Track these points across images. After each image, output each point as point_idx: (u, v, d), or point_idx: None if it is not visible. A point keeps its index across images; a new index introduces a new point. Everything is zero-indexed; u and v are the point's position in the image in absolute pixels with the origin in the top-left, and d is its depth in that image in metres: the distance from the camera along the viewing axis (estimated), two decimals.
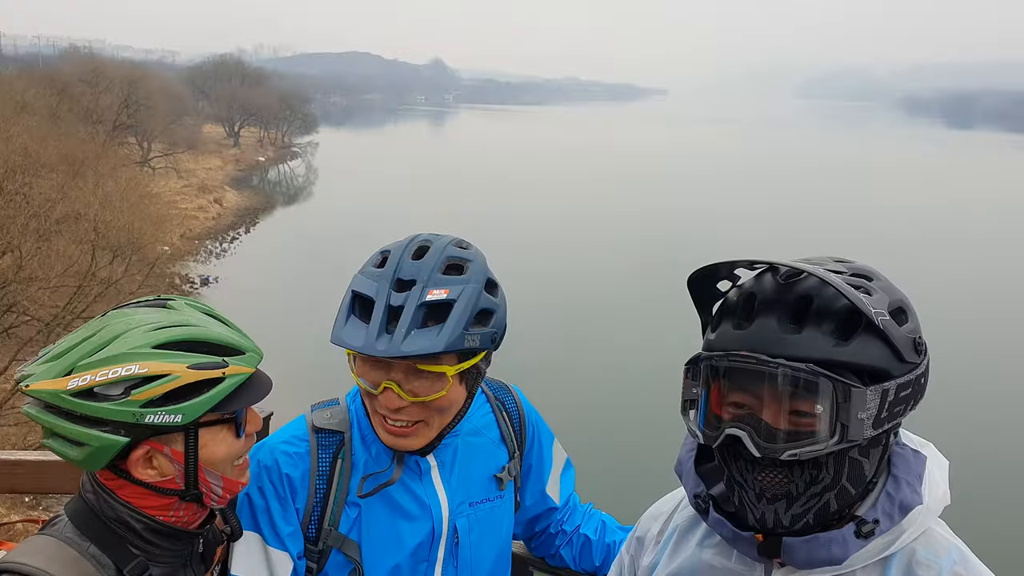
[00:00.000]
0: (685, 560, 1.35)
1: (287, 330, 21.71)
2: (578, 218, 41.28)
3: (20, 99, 30.98)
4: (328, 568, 1.63)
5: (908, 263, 35.29)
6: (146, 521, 1.38)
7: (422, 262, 1.50)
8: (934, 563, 1.18)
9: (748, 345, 1.15)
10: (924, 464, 1.23)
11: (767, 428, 1.14)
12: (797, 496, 1.16)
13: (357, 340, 1.45)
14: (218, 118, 69.97)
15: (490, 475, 1.75)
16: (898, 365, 1.14)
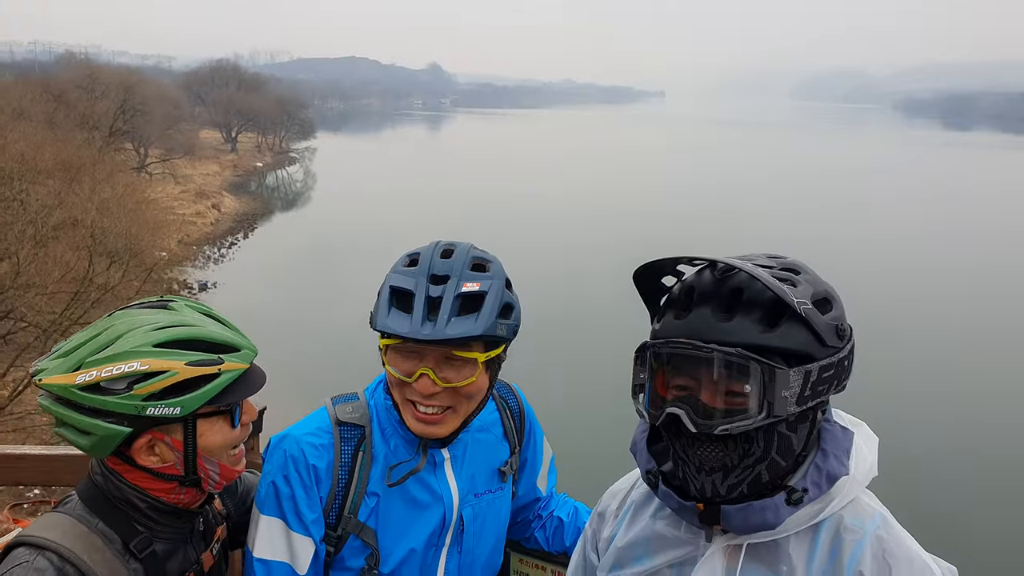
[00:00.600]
0: (640, 531, 1.49)
1: (286, 331, 21.68)
2: (576, 220, 41.25)
3: (17, 105, 30.94)
4: (344, 552, 1.76)
5: (908, 262, 35.37)
6: (150, 501, 1.52)
7: (452, 260, 1.66)
8: (859, 528, 1.31)
9: (686, 333, 1.28)
10: (852, 439, 1.36)
11: (704, 407, 1.27)
12: (732, 468, 1.28)
13: (403, 327, 1.59)
14: (215, 123, 69.89)
15: (494, 468, 1.91)
16: (820, 349, 1.27)
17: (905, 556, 1.29)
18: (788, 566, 1.31)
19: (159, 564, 1.54)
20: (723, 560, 1.36)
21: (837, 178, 66.23)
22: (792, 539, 1.32)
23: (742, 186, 59.04)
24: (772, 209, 46.91)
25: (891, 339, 24.28)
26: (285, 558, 1.71)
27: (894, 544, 1.30)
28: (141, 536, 1.52)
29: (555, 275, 29.03)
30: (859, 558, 1.29)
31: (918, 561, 1.29)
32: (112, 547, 1.48)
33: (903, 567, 1.28)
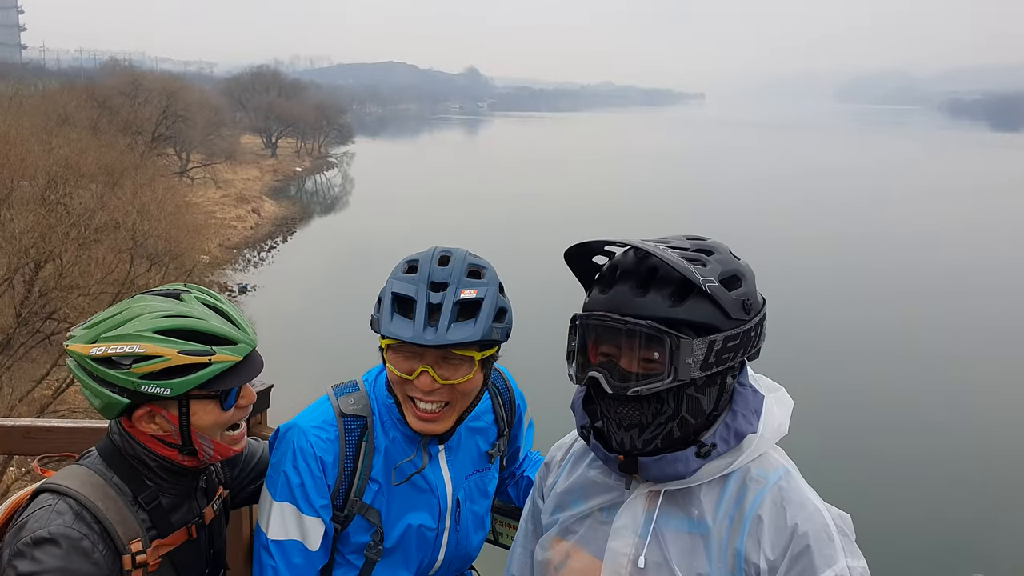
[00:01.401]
0: (576, 479, 1.67)
1: (323, 334, 21.89)
2: (615, 224, 41.08)
3: (62, 111, 31.66)
4: (351, 529, 1.91)
5: (956, 261, 34.71)
6: (159, 460, 1.71)
7: (450, 268, 1.77)
8: (763, 478, 1.47)
9: (607, 307, 1.44)
10: (762, 401, 1.52)
11: (620, 371, 1.44)
12: (647, 425, 1.45)
13: (406, 332, 1.70)
14: (255, 129, 70.82)
15: (483, 451, 2.05)
16: (726, 321, 1.42)
17: (799, 501, 1.45)
18: (699, 510, 1.48)
19: (164, 515, 1.72)
20: (644, 504, 1.53)
21: (883, 179, 65.25)
22: (704, 487, 1.49)
23: (783, 190, 58.37)
24: (813, 214, 46.33)
25: (945, 336, 23.86)
26: (297, 536, 1.86)
27: (792, 492, 1.46)
28: (149, 490, 1.71)
29: None
30: (760, 503, 1.45)
31: (810, 506, 1.45)
32: (124, 498, 1.68)
33: (796, 510, 1.44)
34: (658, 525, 1.50)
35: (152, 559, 1.67)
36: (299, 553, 1.87)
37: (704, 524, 1.47)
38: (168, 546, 1.72)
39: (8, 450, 2.73)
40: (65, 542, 1.55)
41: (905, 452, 17.21)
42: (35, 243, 15.97)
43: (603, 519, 1.58)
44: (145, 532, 1.68)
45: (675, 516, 1.50)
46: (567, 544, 1.64)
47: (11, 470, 13.76)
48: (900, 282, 31.28)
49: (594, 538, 1.58)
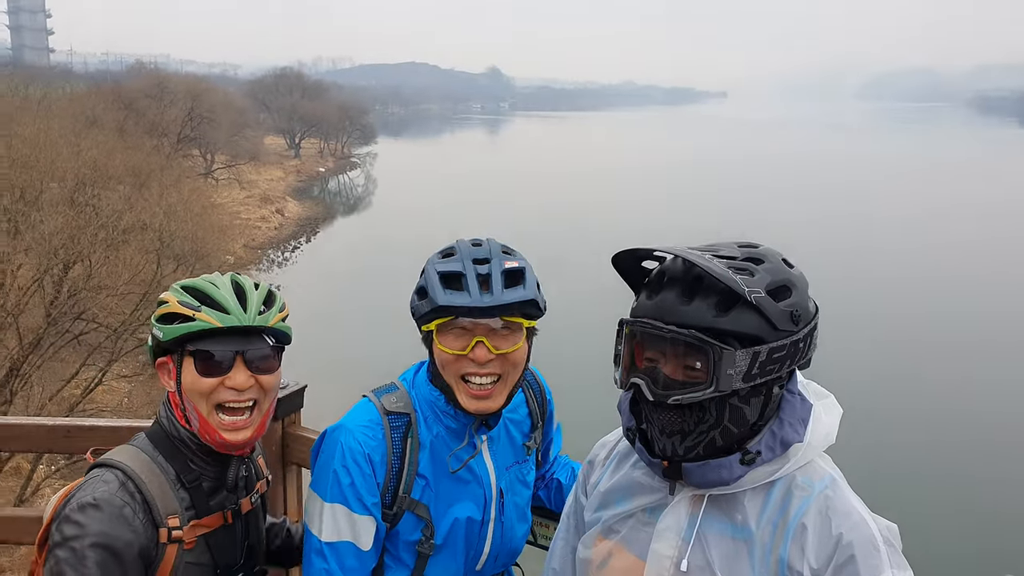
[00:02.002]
0: (621, 478, 1.68)
1: (350, 333, 21.99)
2: (639, 230, 40.93)
3: (90, 114, 31.98)
4: (400, 526, 1.95)
5: (988, 262, 34.25)
6: (198, 441, 1.79)
7: (485, 248, 1.88)
8: (808, 486, 1.47)
9: (652, 313, 1.45)
10: (810, 410, 1.51)
11: (664, 378, 1.44)
12: (688, 432, 1.45)
13: (464, 299, 1.79)
14: (279, 130, 71.15)
15: (520, 443, 2.11)
16: (772, 332, 1.41)
17: (844, 511, 1.44)
18: (743, 515, 1.49)
19: (203, 497, 1.81)
20: (688, 507, 1.54)
21: (911, 178, 64.57)
22: (748, 493, 1.49)
23: (806, 190, 57.87)
24: (840, 214, 45.93)
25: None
26: (349, 537, 1.89)
27: (838, 501, 1.46)
28: (191, 472, 1.80)
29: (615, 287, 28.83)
30: (804, 511, 1.45)
31: (856, 515, 1.44)
32: (166, 476, 1.77)
33: (842, 519, 1.43)
34: (702, 529, 1.51)
35: (188, 537, 1.76)
36: (352, 555, 1.90)
37: (748, 530, 1.47)
38: (205, 527, 1.80)
39: (50, 448, 2.82)
40: (108, 508, 1.65)
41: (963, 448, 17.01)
42: (64, 244, 16.15)
43: (646, 520, 1.59)
44: (184, 511, 1.77)
45: (719, 520, 1.50)
46: (609, 543, 1.65)
47: (41, 468, 13.96)
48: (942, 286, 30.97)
49: (636, 539, 1.60)
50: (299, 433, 2.74)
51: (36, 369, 15.01)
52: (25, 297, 15.55)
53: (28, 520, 2.84)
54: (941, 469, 16.25)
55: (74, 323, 15.72)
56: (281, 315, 1.86)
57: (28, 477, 13.33)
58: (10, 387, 14.38)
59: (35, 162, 18.70)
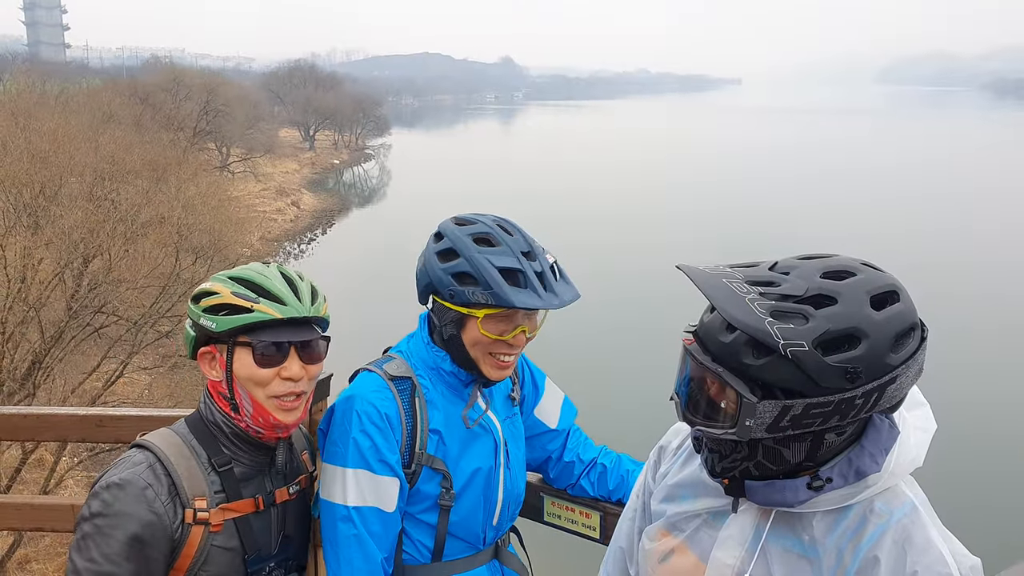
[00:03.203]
0: (689, 473, 1.63)
1: (368, 324, 22.07)
2: (653, 217, 40.81)
3: (107, 109, 32.12)
4: (420, 483, 2.02)
5: (1007, 249, 33.94)
6: (232, 427, 1.84)
7: (517, 236, 1.98)
8: (886, 512, 1.38)
9: (701, 332, 1.39)
10: (896, 438, 1.38)
11: (696, 401, 1.39)
12: (725, 455, 1.41)
13: (536, 301, 1.89)
14: (294, 122, 71.33)
15: (506, 395, 2.22)
16: (813, 388, 1.26)
17: (922, 545, 1.34)
18: (810, 535, 1.41)
19: (234, 482, 1.84)
20: (754, 518, 1.48)
21: (928, 163, 64.01)
22: (820, 513, 1.41)
23: (823, 177, 57.48)
24: (857, 201, 45.60)
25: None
26: (374, 502, 1.95)
27: (916, 532, 1.35)
28: (223, 456, 1.84)
29: (630, 274, 28.81)
30: (877, 540, 1.36)
31: (934, 552, 1.32)
32: (198, 459, 1.82)
33: (918, 555, 1.33)
34: (767, 543, 1.45)
35: (216, 520, 1.79)
36: (377, 520, 1.96)
37: (815, 549, 1.41)
38: (234, 512, 1.82)
39: (82, 438, 2.87)
40: (131, 488, 1.71)
41: None
42: (84, 238, 16.29)
43: (711, 523, 1.56)
44: (213, 493, 1.80)
45: (785, 536, 1.44)
46: (673, 540, 1.62)
47: (64, 460, 14.12)
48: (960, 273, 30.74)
49: (700, 540, 1.57)
50: None
51: (58, 362, 15.17)
52: (47, 291, 15.70)
53: (54, 508, 2.89)
54: (945, 464, 16.17)
55: (95, 316, 15.86)
56: (326, 305, 1.92)
57: (52, 468, 13.49)
58: (33, 380, 14.55)
59: (54, 157, 18.84)
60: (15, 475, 12.60)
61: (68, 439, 2.78)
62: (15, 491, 12.53)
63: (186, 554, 1.76)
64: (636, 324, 23.24)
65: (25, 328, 15.01)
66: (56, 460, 13.72)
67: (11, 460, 13.31)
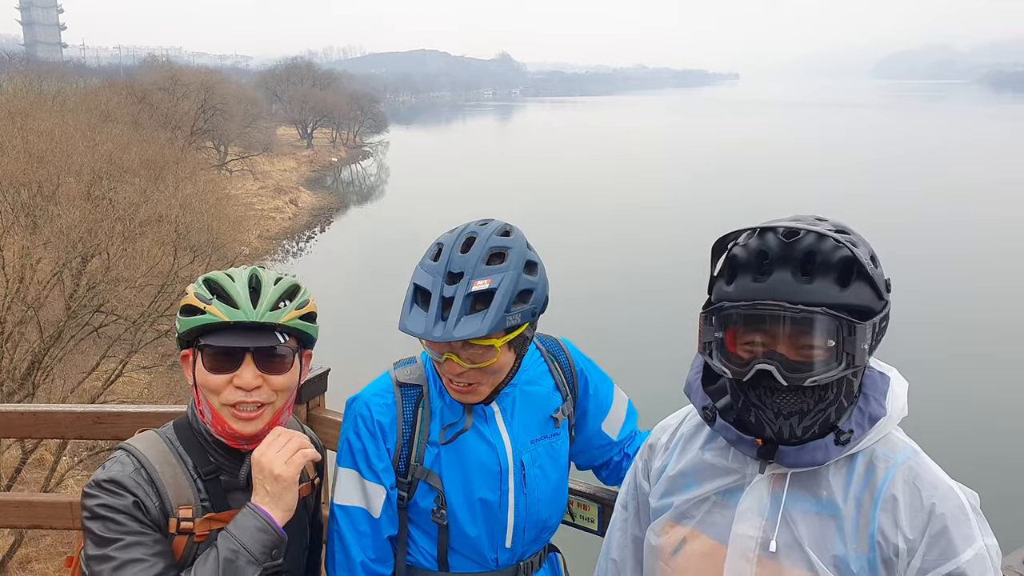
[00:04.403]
0: (689, 461, 1.65)
1: (365, 321, 22.09)
2: (651, 212, 40.83)
3: (104, 108, 32.05)
4: (416, 496, 1.99)
5: (1000, 241, 33.98)
6: (212, 435, 1.77)
7: (468, 255, 1.79)
8: (891, 457, 1.48)
9: (769, 295, 1.40)
10: (888, 383, 1.52)
11: (787, 361, 1.40)
12: (807, 412, 1.43)
13: (418, 327, 1.77)
14: (291, 120, 71.28)
15: (547, 416, 2.08)
16: (879, 303, 1.43)
17: (931, 481, 1.46)
18: (828, 491, 1.48)
19: (221, 492, 1.77)
20: (768, 487, 1.52)
21: (924, 157, 64.05)
22: (831, 468, 1.49)
23: (821, 171, 57.49)
24: (853, 194, 45.61)
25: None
26: (361, 503, 1.97)
27: (923, 471, 1.47)
28: (210, 465, 1.77)
29: (626, 270, 28.82)
30: (890, 483, 1.46)
31: (943, 485, 1.45)
32: (183, 466, 1.75)
33: (930, 490, 1.44)
34: (787, 507, 1.50)
35: (200, 530, 1.72)
36: (364, 520, 1.98)
37: (834, 504, 1.47)
38: (220, 522, 1.73)
39: (80, 435, 2.85)
40: (124, 482, 1.68)
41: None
42: (82, 237, 16.27)
43: (722, 503, 1.58)
44: (199, 503, 1.73)
45: (803, 499, 1.49)
46: (684, 528, 1.62)
47: (65, 460, 14.13)
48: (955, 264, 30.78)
49: (713, 522, 1.58)
50: (323, 416, 2.78)
51: (58, 362, 15.17)
52: (45, 291, 15.70)
53: (53, 505, 2.90)
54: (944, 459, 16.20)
55: (93, 316, 15.86)
56: (298, 312, 1.79)
57: (52, 468, 13.50)
58: (32, 379, 14.55)
59: (51, 156, 18.82)
60: (15, 475, 12.61)
61: (66, 436, 2.78)
62: (15, 491, 12.54)
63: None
64: (633, 319, 23.26)
65: (24, 328, 15.01)
66: (56, 460, 13.73)
67: (11, 460, 13.32)
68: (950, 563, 1.39)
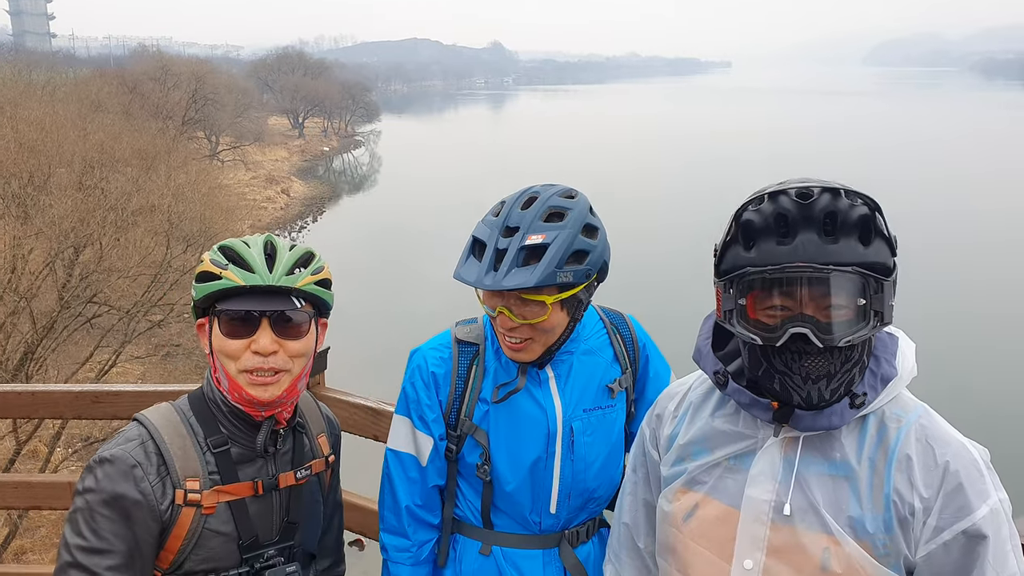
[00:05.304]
0: (699, 429, 1.64)
1: (359, 310, 22.09)
2: (645, 200, 40.82)
3: (95, 98, 31.92)
4: (464, 450, 2.06)
5: (989, 228, 34.12)
6: (230, 405, 1.75)
7: (527, 211, 1.84)
8: (902, 417, 1.49)
9: (796, 257, 1.38)
10: (897, 343, 1.54)
11: (818, 323, 1.39)
12: (835, 374, 1.42)
13: (471, 276, 1.84)
14: (283, 110, 71.10)
15: (603, 386, 2.09)
16: (892, 259, 1.43)
17: (943, 439, 1.46)
18: (841, 453, 1.48)
19: (230, 464, 1.75)
20: (781, 450, 1.52)
21: (915, 143, 64.16)
22: (843, 430, 1.49)
23: (813, 157, 57.56)
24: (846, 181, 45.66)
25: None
26: (411, 451, 2.07)
27: (935, 429, 1.48)
28: (220, 436, 1.76)
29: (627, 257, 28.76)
30: (903, 442, 1.46)
31: (955, 443, 1.46)
32: (194, 438, 1.74)
33: (943, 448, 1.45)
34: (800, 470, 1.49)
35: (208, 502, 1.70)
36: (414, 467, 2.08)
37: (848, 466, 1.47)
38: (229, 495, 1.73)
39: (78, 415, 2.85)
40: (119, 465, 1.65)
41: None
42: (74, 227, 16.21)
43: (734, 467, 1.57)
44: (207, 475, 1.71)
45: (815, 461, 1.49)
46: (696, 494, 1.62)
47: (59, 451, 14.10)
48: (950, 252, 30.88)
49: (725, 487, 1.57)
50: (325, 394, 2.77)
51: (51, 352, 15.14)
52: (37, 281, 15.64)
53: (52, 486, 2.90)
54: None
55: (86, 306, 15.81)
56: (314, 277, 1.77)
57: (46, 459, 13.48)
58: (26, 370, 14.51)
59: (42, 146, 18.73)
60: (8, 467, 12.56)
61: (64, 416, 2.77)
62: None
63: (176, 535, 1.69)
64: (627, 308, 23.24)
65: (16, 318, 14.96)
66: (50, 452, 13.71)
67: (5, 452, 13.28)
68: (966, 520, 1.40)
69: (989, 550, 1.39)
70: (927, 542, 1.42)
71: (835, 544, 1.45)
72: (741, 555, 1.53)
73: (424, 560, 2.12)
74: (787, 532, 1.49)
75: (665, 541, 1.69)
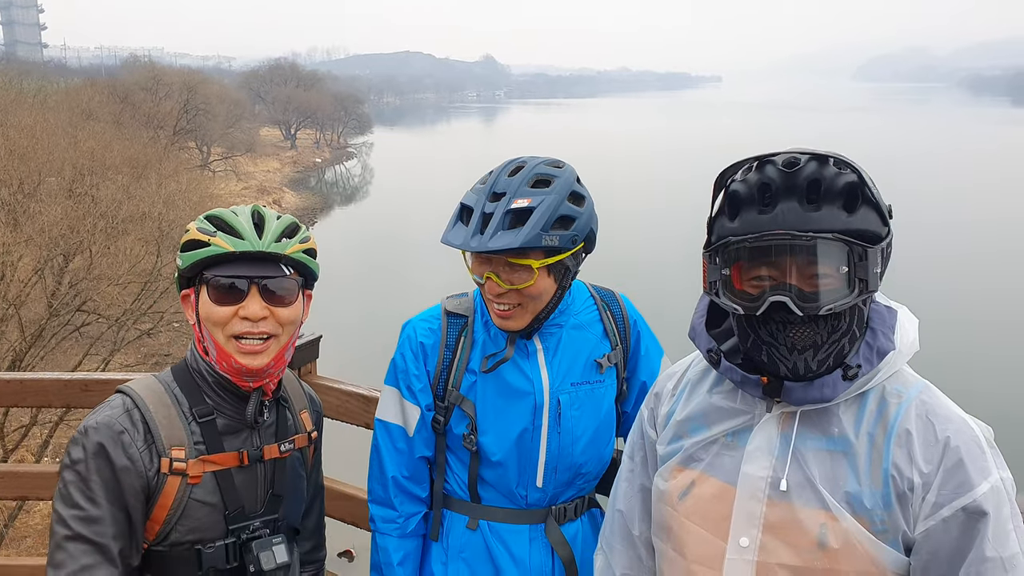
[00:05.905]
0: (696, 405, 1.63)
1: (348, 320, 22.03)
2: (635, 214, 40.91)
3: (86, 107, 31.88)
4: (452, 421, 2.07)
5: (976, 243, 34.33)
6: (215, 375, 1.75)
7: (514, 178, 1.89)
8: (903, 393, 1.46)
9: (779, 225, 1.37)
10: (896, 317, 1.50)
11: (800, 292, 1.37)
12: (821, 344, 1.40)
13: (458, 239, 1.86)
14: (275, 121, 71.06)
15: (592, 361, 2.10)
16: (883, 228, 1.40)
17: (945, 415, 1.44)
18: (839, 428, 1.46)
19: (215, 434, 1.75)
20: (778, 426, 1.50)
21: (902, 159, 64.57)
22: (842, 405, 1.46)
23: None
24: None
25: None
26: (399, 421, 2.10)
27: (936, 405, 1.45)
28: (205, 406, 1.76)
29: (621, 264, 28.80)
30: (903, 417, 1.43)
31: (957, 419, 1.43)
32: (178, 408, 1.74)
33: (944, 423, 1.42)
34: (797, 446, 1.47)
35: (193, 471, 1.70)
36: (402, 438, 2.10)
37: (846, 441, 1.45)
38: (214, 464, 1.73)
39: (67, 403, 2.84)
40: (107, 431, 1.65)
41: None
42: (64, 235, 16.14)
43: (730, 444, 1.55)
44: (192, 444, 1.71)
45: (812, 436, 1.47)
46: (692, 472, 1.60)
47: (46, 459, 14.00)
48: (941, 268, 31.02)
49: (721, 464, 1.55)
50: (315, 382, 2.77)
51: (39, 360, 15.02)
52: (26, 289, 15.54)
53: (40, 476, 2.89)
54: None
55: (75, 314, 15.72)
56: (302, 246, 1.79)
57: (38, 459, 13.37)
58: None
59: (32, 153, 18.67)
60: None
61: (53, 404, 2.74)
62: None
63: (162, 505, 1.68)
64: None
65: (5, 326, 14.86)
66: (37, 459, 13.61)
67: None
68: (966, 496, 1.37)
69: (989, 528, 1.36)
70: (926, 518, 1.39)
71: (832, 520, 1.42)
72: (737, 532, 1.50)
73: (411, 533, 2.13)
74: (783, 508, 1.46)
75: (660, 520, 1.67)
